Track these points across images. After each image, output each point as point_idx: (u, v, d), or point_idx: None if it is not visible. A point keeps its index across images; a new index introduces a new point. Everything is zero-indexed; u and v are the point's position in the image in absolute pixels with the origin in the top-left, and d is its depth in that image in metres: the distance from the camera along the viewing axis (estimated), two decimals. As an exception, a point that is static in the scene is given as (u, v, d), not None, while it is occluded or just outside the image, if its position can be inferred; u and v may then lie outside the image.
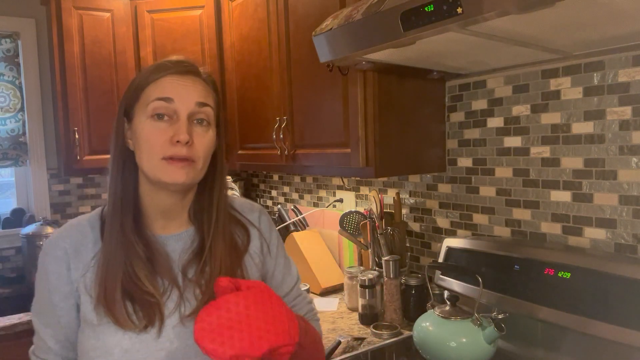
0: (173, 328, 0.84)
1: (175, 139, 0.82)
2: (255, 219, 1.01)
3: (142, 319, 0.82)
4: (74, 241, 0.87)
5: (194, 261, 0.89)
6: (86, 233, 0.88)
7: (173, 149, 0.83)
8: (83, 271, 0.85)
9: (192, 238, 0.92)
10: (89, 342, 0.83)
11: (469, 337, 1.21)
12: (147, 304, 0.82)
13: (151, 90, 0.85)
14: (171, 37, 2.31)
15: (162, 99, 0.84)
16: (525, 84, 1.44)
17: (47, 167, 2.62)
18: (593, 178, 1.30)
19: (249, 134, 2.12)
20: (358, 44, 1.18)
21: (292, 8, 1.77)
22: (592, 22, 0.97)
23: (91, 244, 0.87)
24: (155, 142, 0.83)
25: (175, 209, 0.91)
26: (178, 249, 0.90)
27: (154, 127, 0.84)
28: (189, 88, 0.85)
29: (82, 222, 0.90)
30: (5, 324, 1.90)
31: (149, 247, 0.87)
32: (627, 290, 1.08)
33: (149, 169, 0.85)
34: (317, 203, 2.40)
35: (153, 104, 0.84)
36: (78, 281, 0.85)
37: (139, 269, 0.84)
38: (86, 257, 0.86)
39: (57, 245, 0.87)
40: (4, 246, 2.52)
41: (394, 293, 1.63)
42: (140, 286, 0.83)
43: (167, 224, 0.91)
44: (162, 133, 0.83)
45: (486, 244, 1.42)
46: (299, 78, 1.77)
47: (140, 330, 0.81)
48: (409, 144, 1.59)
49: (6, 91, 2.54)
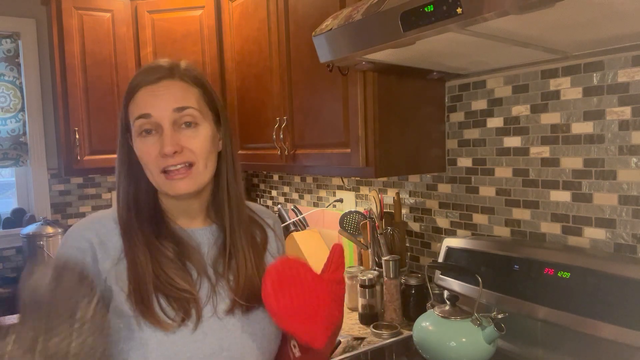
0: (207, 321, 0.85)
1: (161, 152, 0.83)
2: (271, 222, 1.03)
3: (179, 315, 0.82)
4: (99, 233, 0.86)
5: (220, 256, 0.90)
6: (110, 226, 0.87)
7: (165, 161, 0.83)
8: (113, 262, 0.84)
9: (215, 234, 0.93)
10: (119, 334, 0.82)
11: (468, 337, 1.22)
12: (183, 300, 0.83)
13: (132, 108, 0.86)
14: (171, 37, 2.31)
15: (141, 116, 0.84)
16: (525, 84, 1.44)
17: (48, 167, 2.63)
18: (593, 178, 1.30)
19: (249, 134, 2.12)
20: (358, 44, 1.18)
21: (292, 8, 1.77)
22: (592, 22, 0.97)
23: (117, 236, 0.86)
24: (148, 158, 0.84)
25: (193, 208, 0.92)
26: (205, 242, 0.91)
27: (144, 143, 0.84)
28: (162, 97, 0.84)
29: (105, 216, 0.90)
30: (6, 324, 1.90)
31: (178, 240, 0.87)
32: (626, 290, 1.08)
33: (154, 183, 0.87)
34: (317, 203, 2.40)
35: (136, 122, 0.85)
36: (108, 272, 0.84)
37: (168, 268, 0.84)
38: (113, 248, 0.85)
39: (81, 236, 0.86)
40: (4, 246, 2.53)
41: (393, 293, 1.63)
42: (175, 285, 0.83)
43: (190, 221, 0.92)
44: (153, 147, 0.84)
45: (486, 243, 1.43)
46: (299, 78, 1.77)
47: (177, 326, 0.82)
48: (408, 144, 1.60)
49: (7, 91, 2.54)
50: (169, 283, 0.83)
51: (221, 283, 0.88)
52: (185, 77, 0.87)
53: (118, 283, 0.83)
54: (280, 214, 2.38)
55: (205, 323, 0.84)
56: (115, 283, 0.83)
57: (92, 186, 2.75)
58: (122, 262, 0.85)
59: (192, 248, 0.89)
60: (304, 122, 1.76)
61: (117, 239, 0.86)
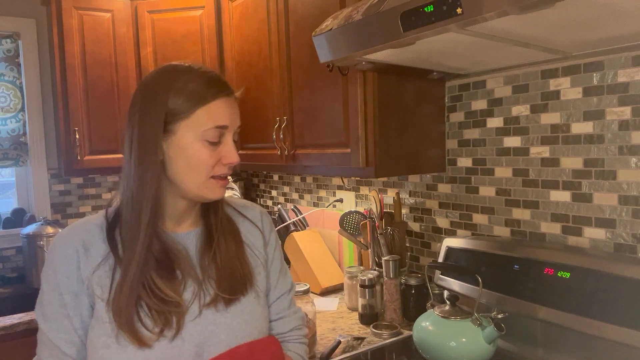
0: (192, 321, 0.85)
1: (226, 162, 0.88)
2: (256, 218, 1.04)
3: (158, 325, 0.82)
4: (83, 239, 0.86)
5: (205, 254, 0.92)
6: (94, 232, 0.88)
7: (222, 169, 0.88)
8: (92, 270, 0.85)
9: (200, 235, 0.95)
10: (99, 340, 0.82)
11: (468, 337, 1.22)
12: (165, 311, 0.83)
13: (205, 113, 0.85)
14: (171, 37, 2.31)
15: (221, 126, 0.87)
16: (524, 84, 1.44)
17: (48, 167, 2.63)
18: (592, 178, 1.30)
19: (249, 134, 2.12)
20: (358, 44, 1.18)
21: (292, 8, 1.77)
22: (592, 22, 0.97)
23: (101, 241, 0.87)
24: (207, 164, 0.86)
25: (188, 212, 0.94)
26: (191, 245, 0.93)
27: (207, 149, 0.86)
28: (236, 112, 0.90)
29: (90, 222, 0.90)
30: (6, 323, 1.90)
31: (166, 245, 0.88)
32: (626, 290, 1.08)
33: (192, 186, 0.87)
34: (317, 203, 2.40)
35: (210, 131, 0.85)
36: (89, 279, 0.84)
37: (155, 275, 0.84)
38: (96, 255, 0.86)
39: (67, 243, 0.86)
40: (4, 246, 2.52)
41: (393, 293, 1.63)
42: (159, 293, 0.83)
43: (178, 224, 0.94)
44: (214, 156, 0.87)
45: (486, 243, 1.43)
46: (299, 78, 1.77)
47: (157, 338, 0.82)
48: (408, 144, 1.60)
49: (7, 91, 2.54)
50: (152, 291, 0.83)
51: (206, 279, 0.90)
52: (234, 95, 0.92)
53: (99, 288, 0.84)
54: (280, 214, 2.38)
55: (184, 329, 0.85)
56: (97, 288, 0.84)
57: (92, 186, 2.75)
58: (102, 267, 0.85)
59: (179, 251, 0.89)
60: (304, 122, 1.76)
61: (101, 245, 0.87)
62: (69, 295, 0.84)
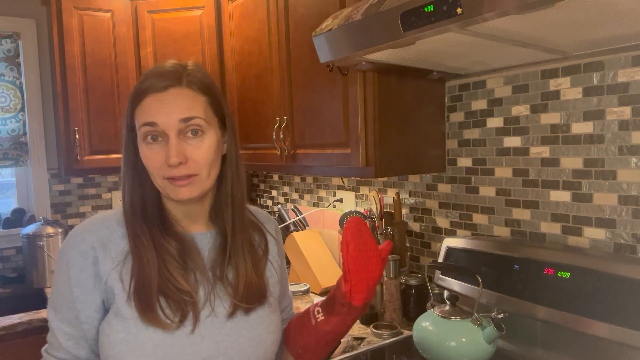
0: (205, 324, 0.85)
1: (167, 162, 0.82)
2: (272, 229, 1.03)
3: (177, 316, 0.82)
4: (101, 235, 0.86)
5: (219, 259, 0.91)
6: (113, 227, 0.88)
7: (170, 170, 0.83)
8: (113, 264, 0.85)
9: (215, 238, 0.93)
10: (118, 336, 0.82)
11: (468, 337, 1.22)
12: (182, 302, 0.83)
13: (138, 114, 0.85)
14: (171, 37, 2.31)
15: (148, 124, 0.83)
16: (524, 84, 1.44)
17: (48, 167, 2.63)
18: (592, 178, 1.30)
19: (249, 134, 2.12)
20: (358, 44, 1.18)
21: (292, 8, 1.77)
22: (592, 22, 0.97)
23: (119, 238, 0.87)
24: (154, 164, 0.84)
25: (195, 212, 0.93)
26: (204, 247, 0.92)
27: (150, 149, 0.84)
28: (170, 106, 0.83)
29: (108, 217, 0.90)
30: (6, 323, 1.90)
31: (182, 243, 0.88)
32: (626, 290, 1.08)
33: (158, 187, 0.87)
34: (317, 203, 2.40)
35: (142, 129, 0.84)
36: (108, 274, 0.84)
37: (173, 267, 0.85)
38: (115, 250, 0.86)
39: (82, 239, 0.86)
40: (4, 246, 2.52)
41: (393, 293, 1.63)
42: (176, 285, 0.83)
43: (191, 224, 0.93)
44: (158, 155, 0.83)
45: (486, 243, 1.43)
46: (299, 78, 1.77)
47: (176, 327, 0.82)
48: (408, 144, 1.60)
49: (7, 91, 2.54)
50: (170, 283, 0.83)
51: (219, 286, 0.89)
52: (193, 84, 0.86)
53: (119, 284, 0.84)
54: (280, 214, 2.38)
55: (202, 326, 0.85)
56: (117, 284, 0.84)
57: (92, 186, 2.75)
58: (124, 262, 0.85)
59: (194, 249, 0.89)
60: (304, 122, 1.76)
61: (120, 240, 0.87)
62: (79, 288, 0.84)
